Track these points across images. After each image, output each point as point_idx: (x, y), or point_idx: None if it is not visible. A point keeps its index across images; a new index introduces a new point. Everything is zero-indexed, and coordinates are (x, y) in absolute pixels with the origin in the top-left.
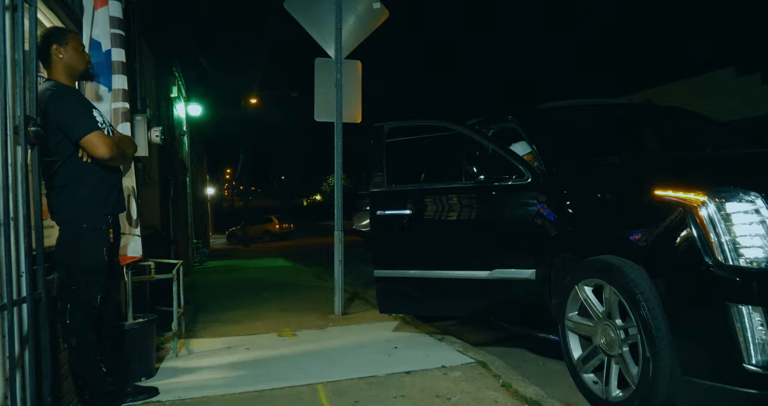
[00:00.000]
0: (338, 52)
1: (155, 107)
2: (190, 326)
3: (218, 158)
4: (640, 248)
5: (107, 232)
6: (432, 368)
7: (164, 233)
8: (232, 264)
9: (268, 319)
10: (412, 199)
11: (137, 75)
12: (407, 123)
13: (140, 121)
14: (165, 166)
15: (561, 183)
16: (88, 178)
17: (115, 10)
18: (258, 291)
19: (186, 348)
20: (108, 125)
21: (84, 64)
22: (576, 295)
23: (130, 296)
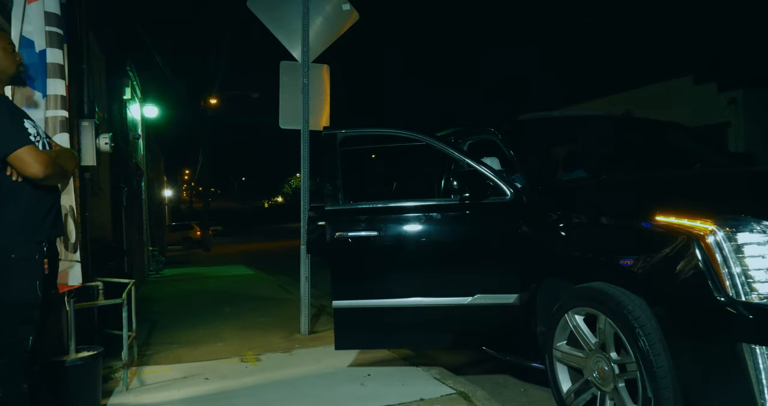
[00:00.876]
0: (305, 54)
1: (106, 110)
2: (143, 349)
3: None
4: (639, 277)
5: (41, 262)
6: (410, 402)
7: (115, 244)
8: (190, 272)
9: (230, 339)
10: (378, 219)
11: (85, 77)
12: (365, 131)
13: (87, 128)
14: (117, 173)
15: (547, 202)
16: (18, 200)
17: (51, 5)
18: (219, 305)
19: (138, 378)
20: (44, 137)
21: (14, 66)
22: (565, 324)
23: (72, 326)
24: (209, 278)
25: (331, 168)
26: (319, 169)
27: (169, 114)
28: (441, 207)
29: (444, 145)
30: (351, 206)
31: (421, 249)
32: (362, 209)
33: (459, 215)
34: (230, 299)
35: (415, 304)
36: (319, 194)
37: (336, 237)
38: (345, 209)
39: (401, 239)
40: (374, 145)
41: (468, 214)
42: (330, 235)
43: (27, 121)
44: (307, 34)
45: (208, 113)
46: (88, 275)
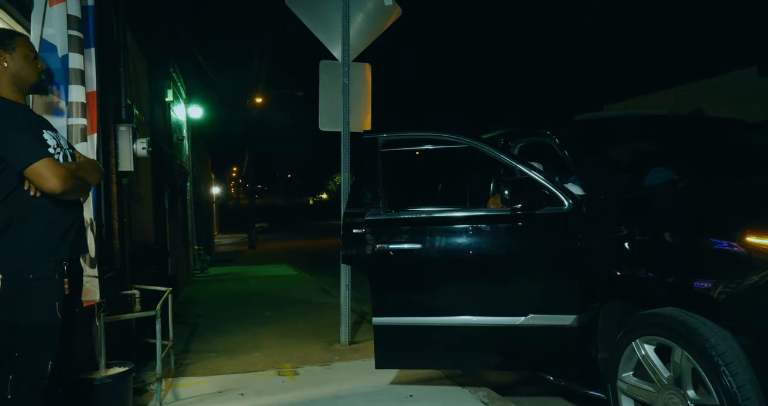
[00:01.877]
0: (345, 53)
1: (148, 113)
2: (181, 358)
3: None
4: (722, 305)
5: (60, 282)
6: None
7: (158, 247)
8: (235, 271)
9: (268, 348)
10: (422, 230)
11: (122, 80)
12: (408, 135)
13: (124, 132)
14: (158, 176)
15: (611, 214)
16: (37, 216)
17: (73, 7)
18: (259, 308)
19: (172, 392)
20: (66, 148)
21: (35, 74)
22: (632, 353)
23: (102, 341)
24: (252, 279)
25: (372, 174)
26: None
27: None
28: (491, 218)
29: (493, 149)
30: (393, 215)
31: (468, 264)
32: (405, 220)
33: (511, 226)
34: (271, 302)
35: (461, 323)
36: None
37: (377, 249)
38: (387, 219)
39: (447, 252)
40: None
41: (521, 226)
42: (370, 246)
43: (47, 131)
44: (348, 31)
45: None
46: (126, 283)
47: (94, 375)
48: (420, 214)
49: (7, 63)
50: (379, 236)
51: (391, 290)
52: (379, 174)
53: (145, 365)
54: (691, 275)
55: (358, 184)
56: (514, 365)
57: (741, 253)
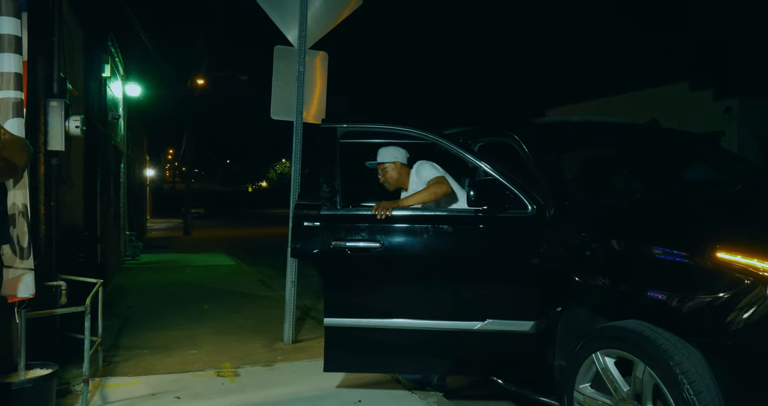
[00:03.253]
0: (302, 40)
1: (82, 88)
2: (110, 354)
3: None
4: (690, 321)
5: None
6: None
7: (87, 233)
8: (169, 259)
9: (206, 346)
10: (380, 228)
11: (55, 51)
12: (369, 126)
13: (56, 108)
14: (91, 157)
15: (577, 221)
16: None
17: None
18: (196, 301)
19: (100, 393)
20: None
21: None
22: (591, 364)
23: (23, 340)
24: (188, 268)
25: (329, 166)
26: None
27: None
28: (453, 219)
29: (458, 148)
30: (351, 211)
31: (428, 265)
32: (363, 216)
33: (473, 228)
34: (208, 295)
35: (418, 326)
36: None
37: (332, 246)
38: (344, 215)
39: (406, 252)
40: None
41: (484, 228)
42: (325, 242)
43: None
44: (305, 17)
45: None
46: (52, 273)
47: (11, 379)
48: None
49: None
50: (335, 231)
51: (346, 290)
52: (336, 166)
53: (70, 362)
54: (656, 288)
55: (312, 175)
56: (469, 370)
57: (710, 268)
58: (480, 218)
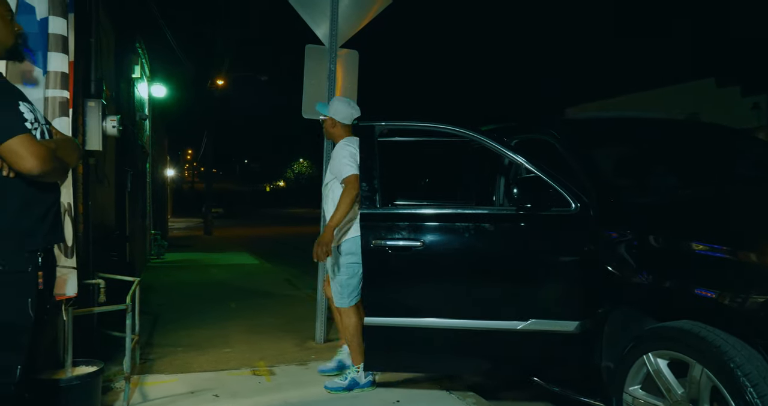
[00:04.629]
0: (333, 38)
1: (114, 89)
2: (145, 352)
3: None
4: (751, 322)
5: (34, 276)
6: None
7: (118, 232)
8: (193, 258)
9: (238, 344)
10: (421, 227)
11: (93, 52)
12: (408, 124)
13: (93, 109)
14: (122, 157)
15: (622, 219)
16: (8, 200)
17: None
18: (223, 300)
19: (140, 391)
20: (43, 123)
21: (11, 37)
22: (642, 366)
23: (70, 338)
24: (212, 267)
25: (368, 165)
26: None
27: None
28: (495, 217)
29: (498, 145)
30: (391, 210)
31: (469, 264)
32: (404, 215)
33: (515, 227)
34: (235, 294)
35: (460, 326)
36: None
37: (372, 245)
38: (384, 214)
39: (447, 251)
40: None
41: (526, 226)
42: (364, 242)
43: (23, 104)
44: (336, 15)
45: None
46: (89, 271)
47: (59, 376)
48: (421, 209)
49: None
50: (375, 230)
51: (386, 289)
52: (375, 165)
53: (107, 359)
54: (705, 286)
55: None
56: (511, 370)
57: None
58: (523, 216)
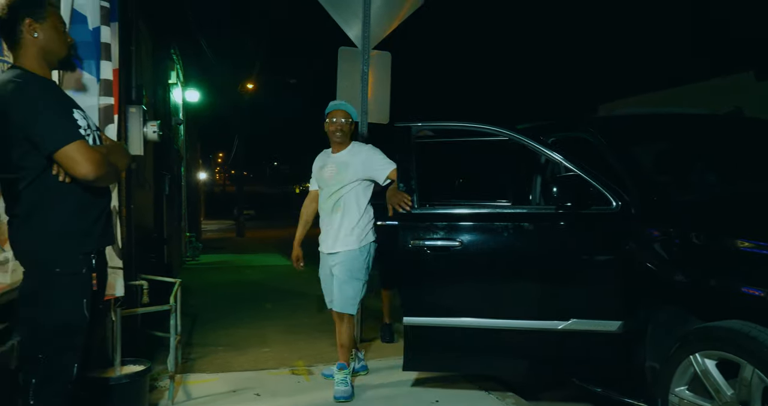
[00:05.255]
0: (365, 40)
1: (152, 95)
2: (186, 352)
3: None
4: None
5: (88, 277)
6: None
7: (156, 234)
8: (227, 259)
9: (276, 344)
10: (460, 227)
11: (133, 59)
12: (443, 125)
13: (135, 115)
14: (160, 161)
15: (664, 217)
16: (65, 203)
17: None
18: (259, 300)
19: (183, 389)
20: (94, 129)
21: (65, 48)
22: (689, 366)
23: (119, 338)
24: (246, 268)
25: (406, 166)
26: None
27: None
28: (534, 216)
29: (537, 144)
30: (429, 210)
31: (509, 264)
32: (442, 215)
33: (556, 226)
34: (270, 294)
35: (499, 326)
36: None
37: (410, 245)
38: (422, 214)
39: (486, 251)
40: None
41: (566, 225)
42: (403, 242)
43: (77, 111)
44: (368, 17)
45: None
46: (132, 272)
47: (108, 374)
48: (458, 209)
49: (37, 33)
50: (413, 231)
51: (425, 289)
52: (413, 166)
53: (151, 359)
54: (753, 284)
55: None
56: (552, 370)
57: None
58: (563, 215)
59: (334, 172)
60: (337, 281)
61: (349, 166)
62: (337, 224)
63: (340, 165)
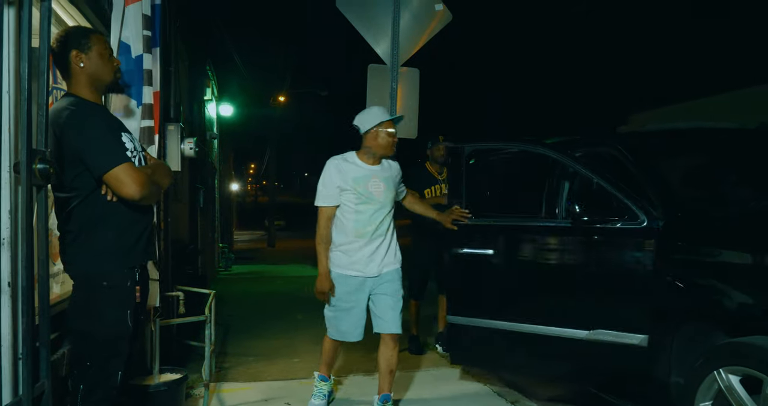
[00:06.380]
0: (394, 58)
1: (188, 111)
2: (219, 361)
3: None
4: None
5: (133, 290)
6: None
7: (192, 246)
8: (258, 270)
9: (306, 354)
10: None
11: (172, 80)
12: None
13: (173, 132)
14: (195, 174)
15: (689, 232)
16: (112, 221)
17: (146, 6)
18: (290, 311)
19: (216, 398)
20: (140, 151)
21: (111, 73)
22: (713, 382)
23: (157, 347)
24: (277, 278)
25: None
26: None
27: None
28: (561, 230)
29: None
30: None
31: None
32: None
33: (583, 239)
34: (301, 304)
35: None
36: None
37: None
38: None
39: (516, 260)
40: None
41: (594, 239)
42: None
43: (125, 134)
44: (397, 35)
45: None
46: (169, 284)
47: (147, 382)
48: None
49: (84, 63)
50: (459, 239)
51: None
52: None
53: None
54: None
55: None
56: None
57: None
58: (592, 230)
59: (383, 189)
60: (391, 301)
61: (391, 181)
62: (386, 246)
63: (387, 180)
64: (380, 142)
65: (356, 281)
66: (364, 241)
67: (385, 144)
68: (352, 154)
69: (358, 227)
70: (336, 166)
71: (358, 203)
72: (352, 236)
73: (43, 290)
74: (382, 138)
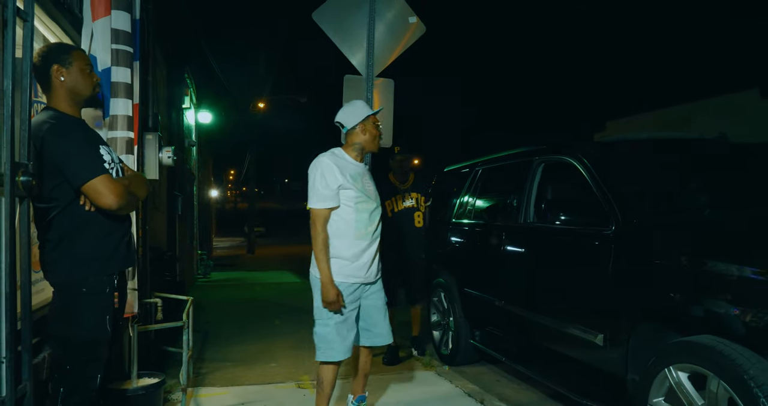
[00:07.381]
0: (370, 69)
1: (166, 119)
2: (197, 366)
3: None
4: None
5: (111, 296)
6: None
7: (170, 253)
8: (237, 277)
9: (283, 359)
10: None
11: (149, 89)
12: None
13: (151, 141)
14: (173, 182)
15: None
16: (91, 230)
17: (120, 22)
18: (268, 317)
19: (194, 402)
20: (117, 162)
21: (90, 88)
22: (665, 378)
23: (135, 352)
24: (256, 285)
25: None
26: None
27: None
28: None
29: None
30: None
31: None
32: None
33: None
34: (279, 311)
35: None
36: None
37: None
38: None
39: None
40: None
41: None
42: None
43: (103, 147)
44: (372, 46)
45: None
46: (147, 291)
47: (126, 386)
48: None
49: (64, 77)
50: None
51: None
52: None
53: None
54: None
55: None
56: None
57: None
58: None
59: (373, 187)
60: (383, 312)
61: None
62: (378, 249)
63: (372, 179)
64: (369, 136)
65: (355, 288)
66: (365, 243)
67: (373, 138)
68: (339, 150)
69: (359, 228)
70: (334, 162)
71: (358, 201)
72: (353, 238)
73: (25, 297)
74: (371, 132)
